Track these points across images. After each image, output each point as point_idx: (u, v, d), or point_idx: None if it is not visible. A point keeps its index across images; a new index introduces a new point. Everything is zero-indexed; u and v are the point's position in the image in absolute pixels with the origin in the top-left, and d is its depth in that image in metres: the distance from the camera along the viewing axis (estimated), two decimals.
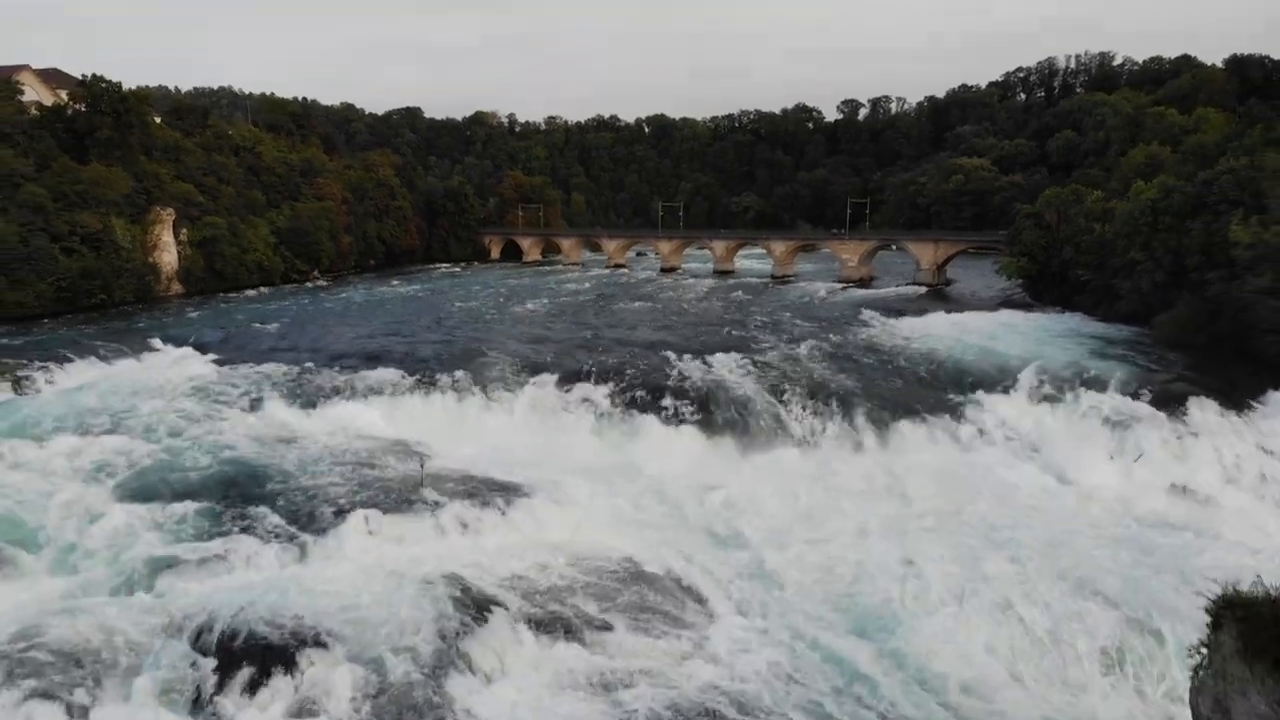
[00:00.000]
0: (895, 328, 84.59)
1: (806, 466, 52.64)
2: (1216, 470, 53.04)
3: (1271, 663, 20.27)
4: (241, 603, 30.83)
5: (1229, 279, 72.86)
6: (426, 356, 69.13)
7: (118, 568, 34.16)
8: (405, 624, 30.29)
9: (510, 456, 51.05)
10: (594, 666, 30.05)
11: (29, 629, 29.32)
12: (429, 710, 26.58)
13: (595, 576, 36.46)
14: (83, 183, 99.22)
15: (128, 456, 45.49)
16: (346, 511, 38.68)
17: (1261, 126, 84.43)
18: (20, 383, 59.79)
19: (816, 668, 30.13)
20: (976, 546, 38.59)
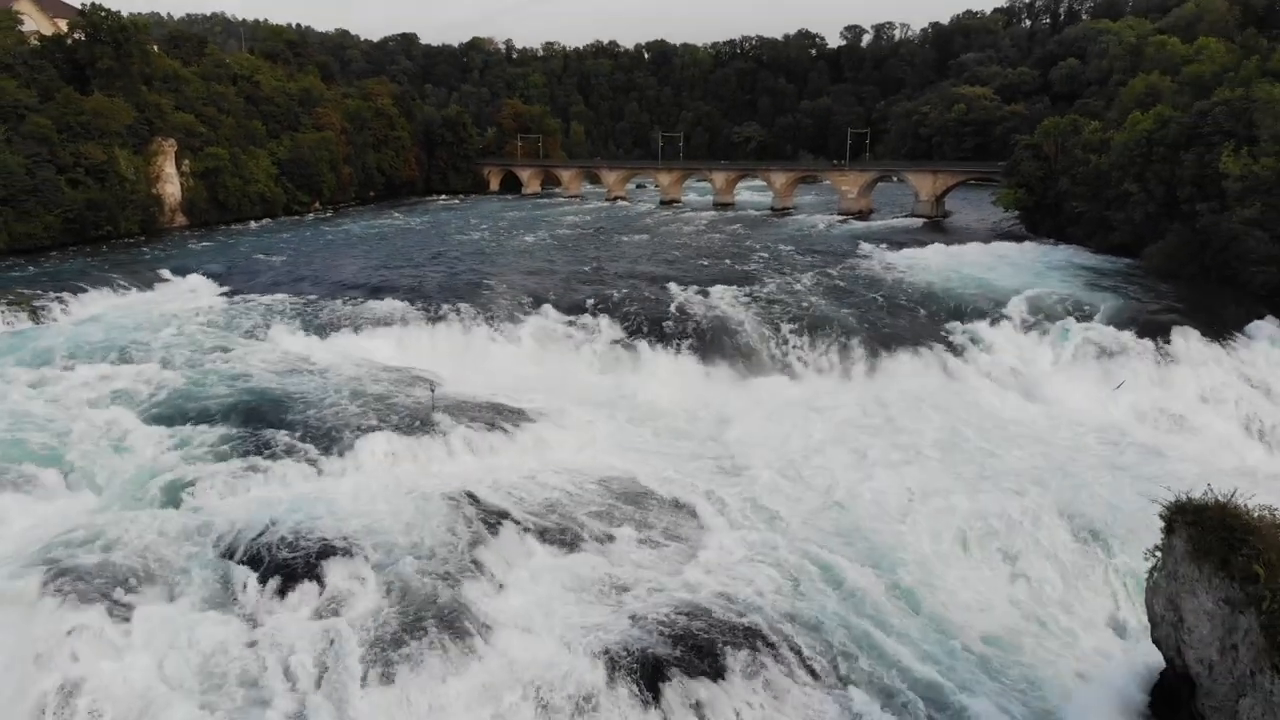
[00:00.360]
0: (890, 260, 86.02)
1: (800, 393, 54.82)
2: (1195, 396, 55.17)
3: (1218, 563, 22.62)
4: (267, 515, 33.15)
5: (1219, 210, 74.21)
6: (432, 288, 70.79)
7: (146, 485, 36.36)
8: (423, 535, 32.66)
9: (516, 385, 53.08)
10: (598, 574, 32.46)
11: (68, 539, 31.62)
12: (446, 612, 28.96)
13: (599, 493, 38.79)
14: (86, 113, 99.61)
15: (148, 383, 47.55)
16: (362, 433, 40.84)
17: (1257, 58, 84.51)
18: (37, 312, 61.67)
19: (797, 566, 32.70)
20: (946, 461, 40.95)
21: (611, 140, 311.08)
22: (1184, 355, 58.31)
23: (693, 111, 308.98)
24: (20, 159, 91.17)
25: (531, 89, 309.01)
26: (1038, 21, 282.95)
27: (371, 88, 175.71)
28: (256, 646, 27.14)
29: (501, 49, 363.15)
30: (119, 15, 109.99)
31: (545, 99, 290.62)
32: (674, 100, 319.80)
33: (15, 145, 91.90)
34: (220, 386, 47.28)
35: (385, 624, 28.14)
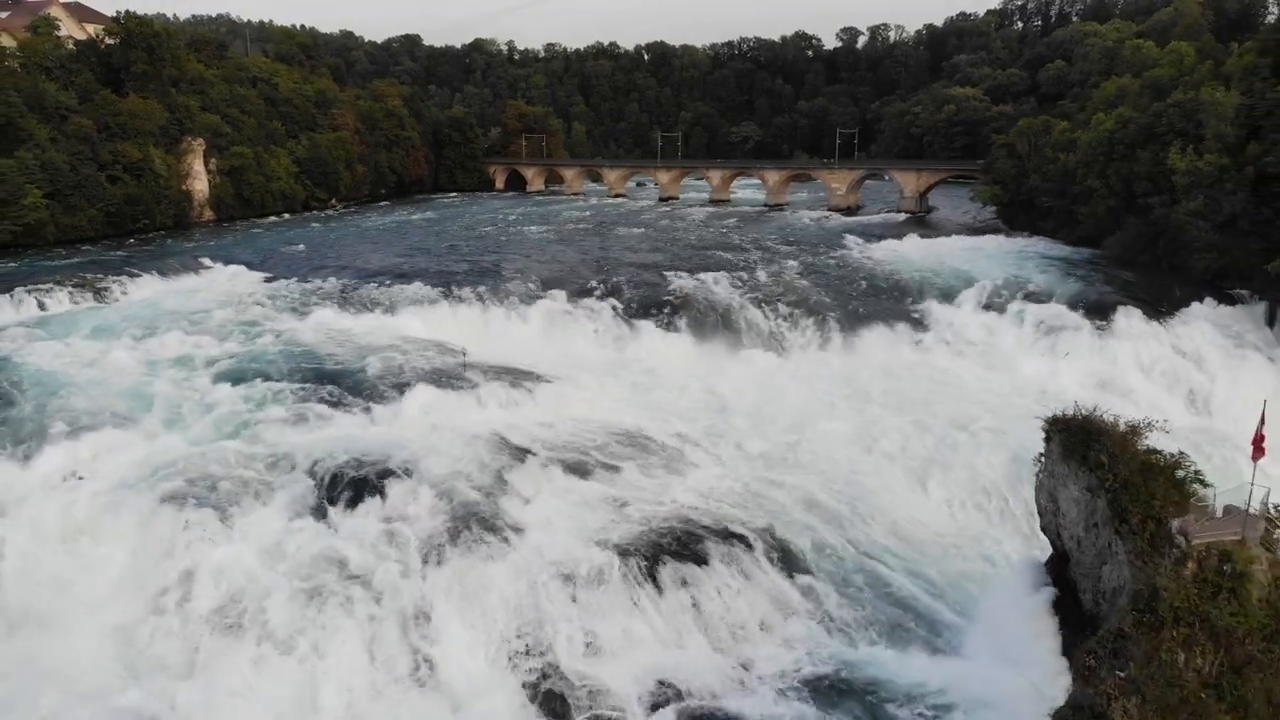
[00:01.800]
0: (872, 251, 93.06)
1: (782, 363, 62.10)
2: (1133, 366, 62.33)
3: (1080, 459, 29.77)
4: (334, 449, 40.38)
5: (1169, 204, 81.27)
6: (451, 275, 77.84)
7: (228, 426, 43.58)
8: (463, 463, 39.84)
9: (529, 356, 60.14)
10: (605, 493, 39.69)
11: (174, 465, 38.84)
12: (485, 517, 36.15)
13: (606, 438, 45.96)
14: (122, 114, 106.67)
15: (212, 350, 54.82)
16: (404, 388, 48.02)
17: (1211, 63, 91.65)
18: (101, 293, 68.89)
19: (768, 488, 39.98)
20: (901, 413, 48.21)
21: (612, 140, 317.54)
22: (1125, 331, 65.42)
23: (692, 112, 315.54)
24: (64, 157, 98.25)
25: (533, 90, 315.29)
26: (1029, 24, 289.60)
27: (382, 89, 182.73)
28: (336, 540, 34.37)
29: (504, 50, 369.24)
30: (152, 22, 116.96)
31: (547, 100, 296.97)
32: (673, 101, 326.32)
33: (60, 144, 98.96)
34: (276, 353, 54.43)
35: (437, 525, 35.35)
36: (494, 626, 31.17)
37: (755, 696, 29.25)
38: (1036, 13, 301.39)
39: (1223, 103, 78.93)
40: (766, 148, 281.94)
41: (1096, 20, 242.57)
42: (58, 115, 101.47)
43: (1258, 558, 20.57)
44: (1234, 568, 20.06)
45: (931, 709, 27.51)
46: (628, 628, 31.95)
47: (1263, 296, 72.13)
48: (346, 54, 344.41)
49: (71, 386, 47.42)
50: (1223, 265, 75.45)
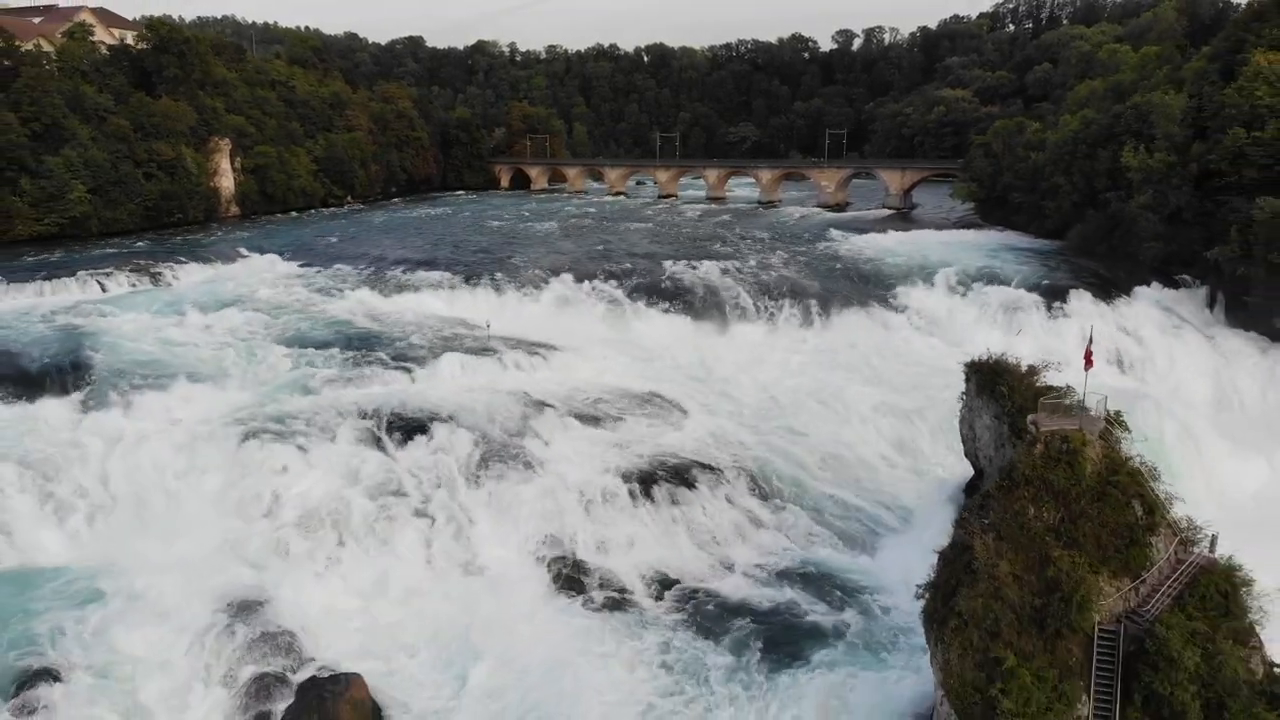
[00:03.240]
0: (854, 243, 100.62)
1: (766, 339, 69.72)
2: (1078, 342, 69.85)
3: (990, 392, 37.38)
4: (383, 399, 48.07)
5: (1124, 199, 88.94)
6: (468, 263, 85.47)
7: (291, 383, 51.25)
8: (493, 412, 47.49)
9: (542, 331, 67.60)
10: (613, 437, 47.40)
11: (252, 411, 46.45)
12: (513, 452, 43.84)
13: (612, 396, 53.62)
14: (156, 115, 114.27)
15: (265, 323, 62.44)
16: (437, 354, 55.70)
17: (1168, 68, 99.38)
18: (155, 277, 76.48)
19: (748, 431, 47.67)
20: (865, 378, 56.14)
21: (612, 140, 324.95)
22: (1075, 311, 73.19)
23: (690, 112, 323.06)
24: (105, 155, 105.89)
25: (535, 91, 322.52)
26: (1020, 26, 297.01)
27: (392, 92, 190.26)
28: (395, 466, 42.06)
29: (505, 52, 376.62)
30: (182, 29, 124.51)
31: (548, 100, 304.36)
32: (672, 102, 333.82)
33: (100, 143, 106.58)
34: (321, 326, 62.13)
35: (475, 458, 43.09)
36: (525, 531, 38.94)
37: (732, 581, 37.05)
38: (1028, 15, 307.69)
39: (1171, 105, 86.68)
40: (764, 148, 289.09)
41: (1085, 24, 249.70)
42: (97, 116, 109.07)
43: (1091, 442, 28.01)
44: (1069, 446, 27.57)
45: (864, 588, 35.29)
46: (631, 533, 39.70)
47: (1203, 281, 79.90)
48: (351, 55, 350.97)
49: (150, 352, 55.08)
50: (1169, 253, 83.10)
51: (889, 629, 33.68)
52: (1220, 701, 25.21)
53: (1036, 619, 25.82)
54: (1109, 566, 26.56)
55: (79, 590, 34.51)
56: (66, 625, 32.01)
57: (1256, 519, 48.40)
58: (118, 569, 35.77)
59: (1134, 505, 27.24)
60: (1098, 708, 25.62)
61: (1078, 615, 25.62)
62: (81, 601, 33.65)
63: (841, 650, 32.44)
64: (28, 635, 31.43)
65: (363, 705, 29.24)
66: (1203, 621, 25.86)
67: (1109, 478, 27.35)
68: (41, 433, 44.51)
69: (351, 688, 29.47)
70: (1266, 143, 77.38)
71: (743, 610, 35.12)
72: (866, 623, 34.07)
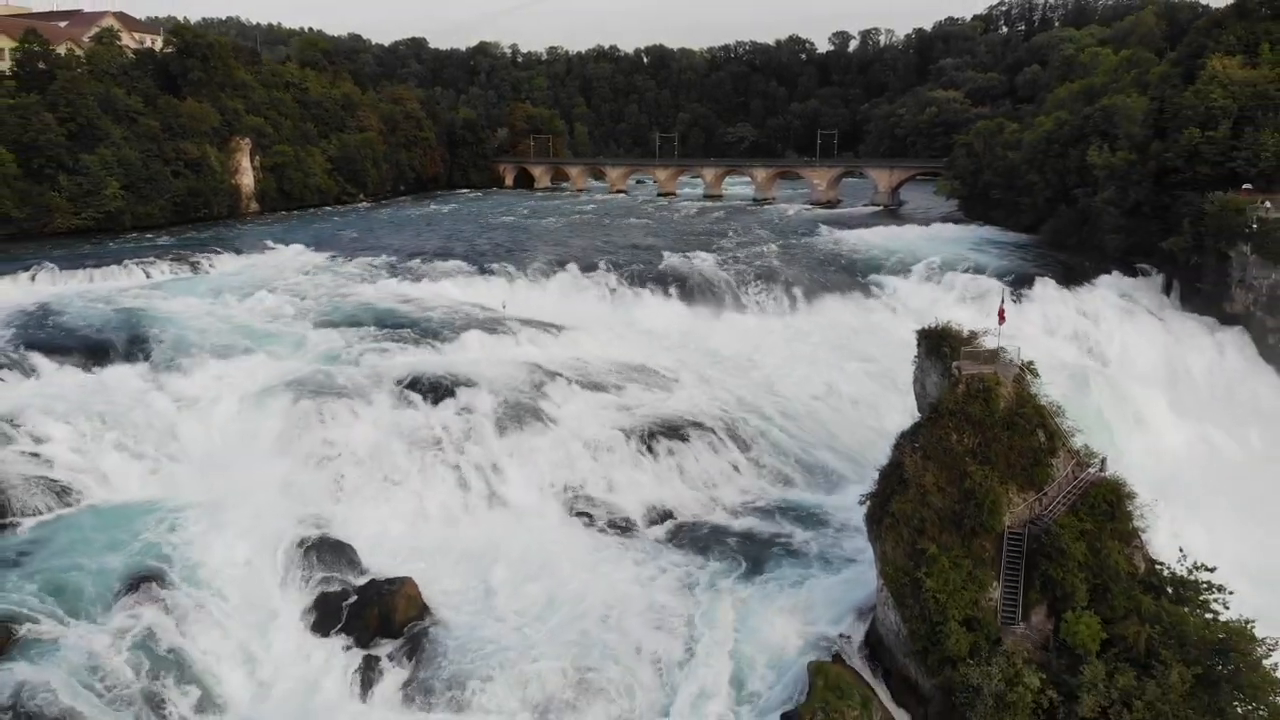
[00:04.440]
0: (841, 236, 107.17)
1: (754, 321, 76.37)
2: (1040, 324, 76.61)
3: (937, 354, 43.82)
4: (415, 368, 54.65)
5: (1091, 194, 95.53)
6: (480, 254, 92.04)
7: (331, 354, 57.90)
8: (511, 378, 54.06)
9: (551, 314, 74.05)
10: (616, 401, 54.04)
11: (301, 377, 52.97)
12: (530, 411, 50.43)
13: (615, 368, 60.15)
14: (183, 116, 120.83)
15: (302, 305, 69.06)
16: (459, 331, 62.28)
17: (1135, 71, 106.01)
18: (193, 265, 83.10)
19: (735, 398, 54.26)
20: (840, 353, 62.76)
21: (612, 140, 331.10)
22: (1039, 297, 79.88)
23: (689, 113, 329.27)
24: (136, 154, 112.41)
25: (536, 92, 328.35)
26: (1013, 29, 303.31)
27: (401, 93, 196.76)
28: (429, 423, 48.62)
29: (507, 53, 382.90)
30: (205, 34, 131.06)
31: (550, 101, 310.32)
32: (672, 102, 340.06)
33: (131, 143, 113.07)
34: (352, 308, 68.74)
35: (497, 415, 49.70)
36: (542, 473, 45.68)
37: (718, 514, 43.79)
38: (1020, 18, 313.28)
39: (1133, 107, 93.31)
40: (761, 148, 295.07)
41: (1075, 26, 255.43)
42: (128, 117, 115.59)
43: (1005, 383, 34.38)
44: (985, 386, 33.97)
45: (826, 520, 42.05)
46: (632, 476, 46.42)
47: (1160, 269, 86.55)
48: (355, 57, 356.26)
49: (203, 328, 61.74)
50: (1130, 244, 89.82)
51: (844, 550, 40.31)
52: (1104, 586, 31.78)
53: (955, 520, 32.42)
54: (1016, 481, 33.13)
55: (165, 518, 40.86)
56: (161, 542, 38.45)
57: (1185, 470, 55.51)
58: (195, 503, 42.19)
59: (1038, 433, 33.83)
60: (1006, 591, 32.18)
61: (989, 518, 32.21)
62: (170, 526, 40.01)
63: (806, 564, 39.07)
64: (132, 549, 37.90)
65: (414, 599, 35.79)
66: (1091, 523, 32.43)
67: (1018, 411, 33.94)
68: (116, 394, 51.12)
69: (405, 586, 36.05)
70: (1219, 141, 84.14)
71: (727, 535, 41.79)
72: (826, 545, 40.72)
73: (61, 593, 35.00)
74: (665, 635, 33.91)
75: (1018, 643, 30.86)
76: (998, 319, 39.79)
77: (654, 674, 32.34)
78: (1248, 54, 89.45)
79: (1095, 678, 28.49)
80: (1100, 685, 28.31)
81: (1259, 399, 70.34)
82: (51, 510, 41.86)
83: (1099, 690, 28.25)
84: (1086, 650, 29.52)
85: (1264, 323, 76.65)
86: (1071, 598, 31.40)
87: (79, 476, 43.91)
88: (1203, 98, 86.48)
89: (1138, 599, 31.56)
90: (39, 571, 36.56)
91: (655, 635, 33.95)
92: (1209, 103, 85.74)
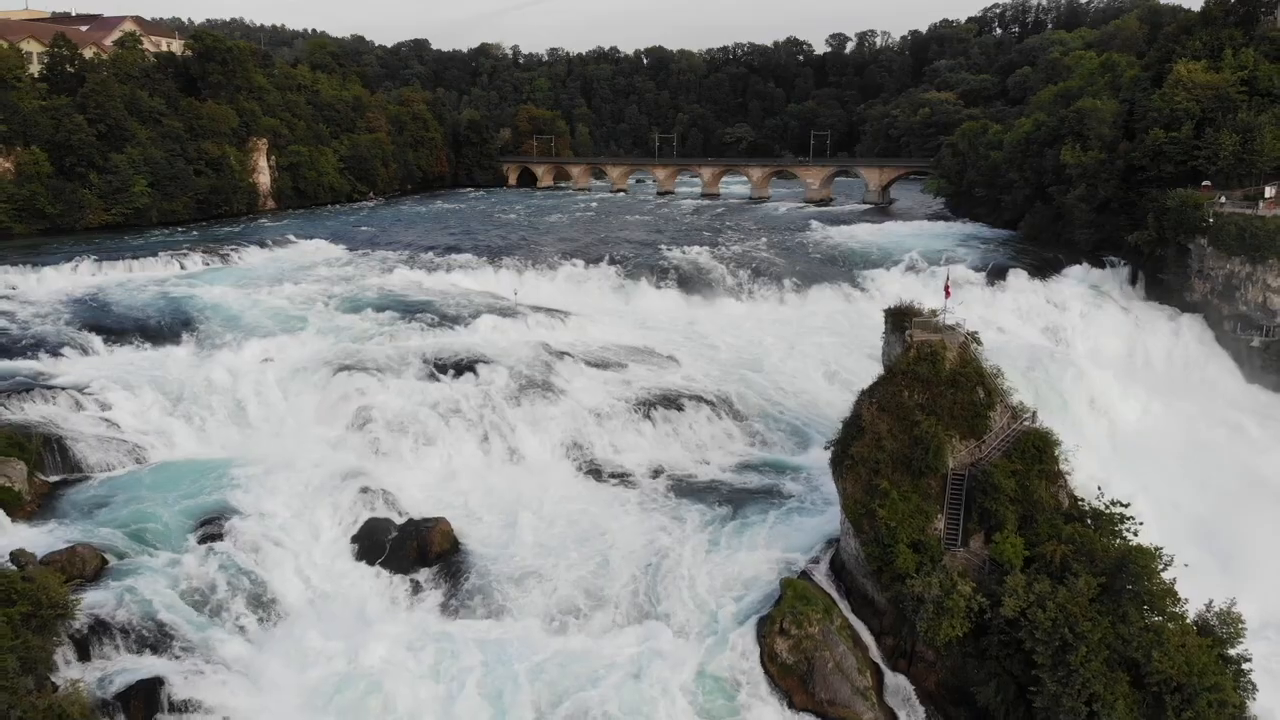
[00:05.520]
0: (831, 232, 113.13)
1: (746, 309, 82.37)
2: (1012, 312, 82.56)
3: (899, 327, 49.70)
4: (437, 347, 60.64)
5: (1065, 192, 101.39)
6: (490, 248, 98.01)
7: (361, 334, 63.83)
8: (525, 356, 60.03)
9: (557, 302, 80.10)
10: (619, 377, 59.99)
11: (337, 352, 58.94)
12: (541, 385, 56.38)
13: (618, 350, 66.12)
14: (204, 118, 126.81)
15: (330, 292, 75.00)
16: (475, 316, 68.27)
17: (1109, 76, 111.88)
18: (224, 257, 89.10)
19: (728, 374, 60.28)
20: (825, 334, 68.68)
21: (613, 140, 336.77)
22: (1012, 287, 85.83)
23: (688, 114, 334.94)
24: (162, 153, 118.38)
25: (537, 93, 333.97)
26: (1007, 31, 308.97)
27: (409, 95, 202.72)
28: (452, 393, 54.59)
29: (509, 54, 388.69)
30: (225, 39, 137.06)
31: (551, 102, 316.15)
32: (671, 103, 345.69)
33: (157, 143, 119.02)
34: (375, 295, 74.74)
35: (513, 388, 55.68)
36: (554, 437, 51.83)
37: (709, 470, 49.84)
38: (1014, 20, 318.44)
39: (1103, 109, 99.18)
40: (759, 148, 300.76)
41: (1067, 29, 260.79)
42: (152, 118, 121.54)
43: (950, 348, 40.23)
44: (932, 350, 39.82)
45: (802, 474, 48.07)
46: (634, 441, 52.47)
47: (1127, 261, 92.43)
48: (359, 58, 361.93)
49: (242, 312, 67.82)
50: (1100, 238, 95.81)
51: (816, 499, 46.31)
52: (1031, 516, 37.74)
53: (906, 462, 38.37)
54: (959, 430, 39.08)
55: (225, 472, 46.65)
56: (225, 491, 44.27)
57: (1135, 440, 61.50)
58: (249, 459, 48.07)
59: (978, 390, 39.80)
60: (948, 522, 38.12)
61: (935, 460, 38.16)
62: (230, 478, 45.77)
63: (783, 507, 45.14)
64: (200, 496, 43.78)
65: (448, 535, 41.74)
66: (1021, 465, 38.37)
67: (961, 371, 39.92)
68: (171, 368, 57.11)
69: (439, 524, 42.02)
70: (1182, 141, 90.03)
71: (716, 486, 47.88)
72: (801, 494, 46.88)
73: (144, 529, 40.94)
74: (660, 559, 39.84)
75: (956, 561, 36.79)
76: (944, 294, 45.60)
77: (650, 589, 38.26)
78: (1212, 59, 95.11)
79: (1016, 585, 34.41)
80: (1020, 591, 34.22)
81: (1210, 378, 76.39)
82: (123, 466, 47.81)
83: (1019, 595, 34.17)
84: (1011, 564, 35.46)
85: (1220, 310, 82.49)
86: (1003, 526, 37.33)
87: (144, 437, 49.90)
88: (1168, 100, 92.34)
89: (1058, 526, 37.46)
90: (120, 514, 42.45)
91: (652, 559, 39.89)
92: (1174, 105, 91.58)
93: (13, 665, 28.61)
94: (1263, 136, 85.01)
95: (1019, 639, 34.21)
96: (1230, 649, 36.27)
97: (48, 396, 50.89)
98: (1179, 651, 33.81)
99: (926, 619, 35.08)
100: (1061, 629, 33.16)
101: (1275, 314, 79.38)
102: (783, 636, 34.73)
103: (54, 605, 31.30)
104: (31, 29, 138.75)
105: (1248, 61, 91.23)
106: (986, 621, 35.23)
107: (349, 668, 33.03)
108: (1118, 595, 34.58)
